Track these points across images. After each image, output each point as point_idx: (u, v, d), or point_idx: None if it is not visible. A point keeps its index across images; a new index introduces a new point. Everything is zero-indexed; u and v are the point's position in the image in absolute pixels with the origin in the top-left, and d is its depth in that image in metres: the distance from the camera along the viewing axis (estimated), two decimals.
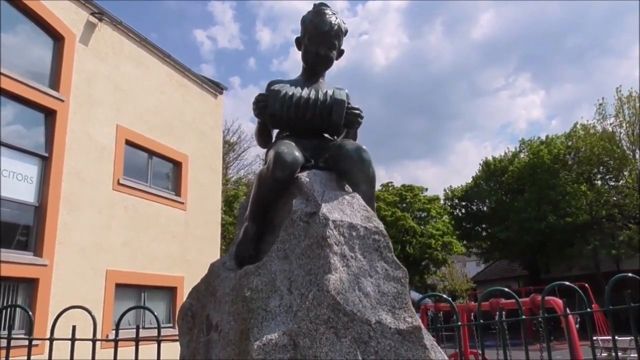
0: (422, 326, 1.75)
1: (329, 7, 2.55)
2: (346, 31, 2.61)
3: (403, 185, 43.05)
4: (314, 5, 2.56)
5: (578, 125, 29.65)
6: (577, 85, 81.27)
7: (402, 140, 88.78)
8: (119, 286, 11.11)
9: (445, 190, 39.13)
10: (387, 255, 1.88)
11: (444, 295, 3.32)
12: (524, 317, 3.15)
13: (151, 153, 12.74)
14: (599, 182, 29.27)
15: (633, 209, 25.79)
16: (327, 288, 1.68)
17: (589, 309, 2.97)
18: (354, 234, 1.87)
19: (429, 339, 1.74)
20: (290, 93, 2.31)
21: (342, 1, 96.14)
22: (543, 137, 33.03)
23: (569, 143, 30.18)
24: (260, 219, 2.22)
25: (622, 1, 72.50)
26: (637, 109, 25.67)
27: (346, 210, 1.95)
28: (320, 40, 2.51)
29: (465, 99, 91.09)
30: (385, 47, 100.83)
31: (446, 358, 1.77)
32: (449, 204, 37.98)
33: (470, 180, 36.17)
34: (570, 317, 7.68)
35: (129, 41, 12.41)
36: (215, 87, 15.56)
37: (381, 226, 1.94)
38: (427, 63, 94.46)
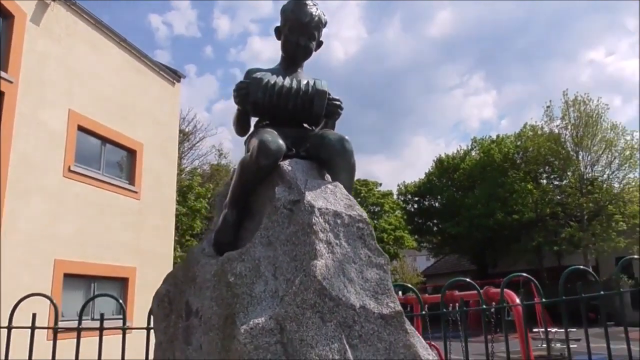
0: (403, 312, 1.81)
1: None
2: (325, 23, 2.64)
3: (358, 180, 43.61)
4: None
5: (527, 126, 30.82)
6: (526, 86, 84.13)
7: (357, 135, 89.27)
8: (67, 276, 10.76)
9: (398, 185, 39.93)
10: (370, 243, 1.93)
11: (410, 286, 3.41)
12: (484, 306, 3.30)
13: (105, 140, 12.35)
14: (545, 181, 30.53)
15: (575, 208, 27.09)
16: (313, 273, 1.71)
17: (536, 300, 3.13)
18: (338, 221, 1.91)
19: (409, 324, 1.81)
20: (272, 82, 2.32)
21: None
22: (494, 136, 34.21)
23: (519, 143, 31.29)
24: (242, 206, 2.22)
25: (569, 4, 75.62)
26: (582, 112, 26.94)
27: (330, 198, 1.99)
28: (300, 31, 2.52)
29: (421, 95, 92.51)
30: (343, 41, 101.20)
31: (424, 342, 1.84)
32: (402, 199, 38.73)
33: (423, 176, 37.02)
34: (520, 308, 8.07)
35: (83, 23, 11.95)
36: (173, 75, 15.24)
37: (364, 214, 1.98)
38: (385, 58, 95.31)
